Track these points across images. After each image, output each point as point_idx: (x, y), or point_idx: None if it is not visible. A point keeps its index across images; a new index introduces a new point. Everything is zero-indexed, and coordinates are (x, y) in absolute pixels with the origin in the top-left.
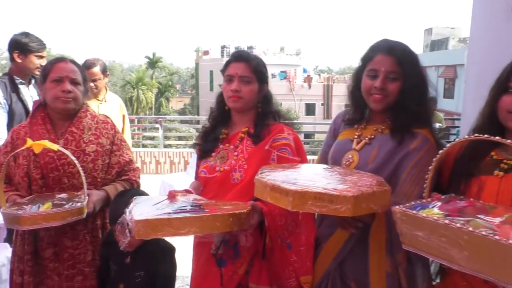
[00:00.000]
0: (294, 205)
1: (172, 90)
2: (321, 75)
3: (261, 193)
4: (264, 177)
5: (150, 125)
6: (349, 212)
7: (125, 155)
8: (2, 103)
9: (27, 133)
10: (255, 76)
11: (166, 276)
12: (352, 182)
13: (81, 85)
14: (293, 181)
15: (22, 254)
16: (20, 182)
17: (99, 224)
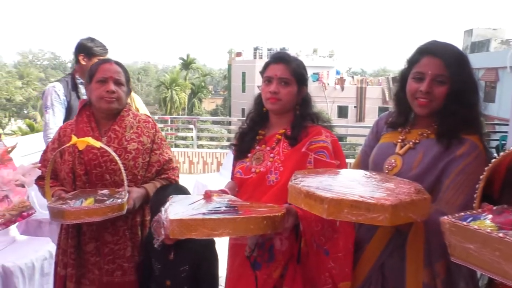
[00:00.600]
0: (329, 213)
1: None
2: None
3: (295, 199)
4: (298, 183)
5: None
6: (386, 221)
7: (165, 154)
8: (62, 100)
9: (73, 130)
10: (294, 78)
11: (210, 268)
12: (390, 190)
13: (124, 85)
14: (328, 188)
15: (66, 248)
16: (66, 178)
17: (138, 221)
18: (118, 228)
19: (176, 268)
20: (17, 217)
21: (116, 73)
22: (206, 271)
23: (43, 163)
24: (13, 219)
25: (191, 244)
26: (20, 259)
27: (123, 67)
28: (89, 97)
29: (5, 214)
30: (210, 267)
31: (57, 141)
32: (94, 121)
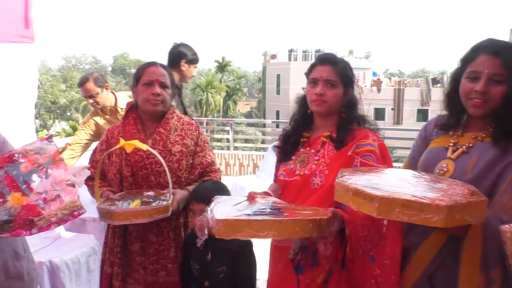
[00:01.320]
0: (380, 212)
1: (240, 93)
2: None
3: (341, 197)
4: (346, 180)
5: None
6: (441, 222)
7: (208, 157)
8: None
9: (120, 132)
10: (340, 79)
11: (246, 269)
12: (442, 191)
13: (169, 88)
14: (376, 186)
15: (113, 247)
16: (113, 179)
17: (181, 222)
18: (163, 229)
19: (214, 268)
20: (69, 216)
21: (162, 76)
22: (244, 273)
23: (92, 164)
24: (65, 218)
25: (228, 244)
26: (66, 254)
27: (168, 69)
28: (135, 99)
29: (57, 213)
30: (248, 269)
31: (105, 143)
32: (140, 123)
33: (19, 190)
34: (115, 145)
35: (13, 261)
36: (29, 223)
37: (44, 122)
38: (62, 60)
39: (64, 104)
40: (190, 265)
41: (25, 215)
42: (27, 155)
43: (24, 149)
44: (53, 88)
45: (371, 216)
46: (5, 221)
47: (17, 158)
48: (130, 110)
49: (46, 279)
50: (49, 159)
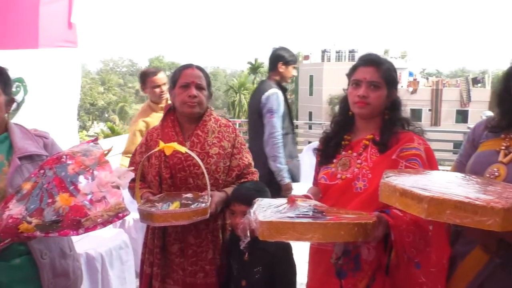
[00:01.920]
0: (429, 213)
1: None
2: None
3: (388, 198)
4: (392, 181)
5: None
6: (497, 226)
7: (245, 159)
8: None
9: (159, 135)
10: (384, 81)
11: (284, 273)
12: (496, 193)
13: (205, 90)
14: (425, 187)
15: (152, 247)
16: (152, 181)
17: (219, 224)
18: (201, 231)
19: (251, 268)
20: (114, 217)
21: (198, 77)
22: (281, 275)
23: (132, 166)
24: (110, 219)
25: (265, 245)
26: (101, 247)
27: (204, 71)
28: (173, 102)
29: (103, 214)
30: (286, 272)
31: (145, 145)
32: (178, 125)
33: (67, 191)
34: (154, 148)
35: (60, 259)
36: (77, 223)
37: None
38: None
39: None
40: (231, 264)
41: (72, 216)
42: (74, 156)
43: (71, 151)
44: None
45: (417, 221)
46: (54, 221)
47: (64, 160)
48: (168, 112)
49: (83, 269)
50: (95, 161)
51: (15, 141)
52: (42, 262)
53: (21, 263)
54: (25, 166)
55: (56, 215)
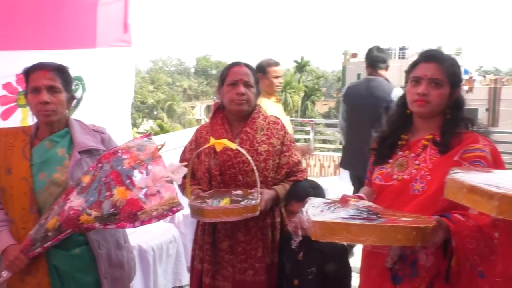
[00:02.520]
0: (501, 211)
1: (318, 93)
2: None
3: (454, 194)
4: (459, 177)
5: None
6: None
7: (294, 156)
8: None
9: (208, 132)
10: (447, 78)
11: (339, 275)
12: None
13: (253, 87)
14: (495, 184)
15: (202, 244)
16: (202, 177)
17: (268, 222)
18: (250, 228)
19: (304, 268)
20: (168, 212)
21: (246, 75)
22: (336, 278)
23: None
24: (165, 213)
25: (321, 246)
26: (152, 240)
27: (252, 69)
28: (222, 100)
29: (158, 208)
30: (341, 274)
31: (194, 142)
32: (227, 123)
33: (124, 184)
34: (203, 145)
35: (115, 250)
36: (133, 216)
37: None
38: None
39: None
40: (283, 262)
41: (129, 209)
42: (129, 151)
43: (126, 145)
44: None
45: (481, 227)
46: (111, 213)
47: (120, 154)
48: (218, 110)
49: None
50: (149, 155)
51: (75, 136)
52: (99, 253)
53: (80, 253)
54: (84, 160)
55: (114, 208)
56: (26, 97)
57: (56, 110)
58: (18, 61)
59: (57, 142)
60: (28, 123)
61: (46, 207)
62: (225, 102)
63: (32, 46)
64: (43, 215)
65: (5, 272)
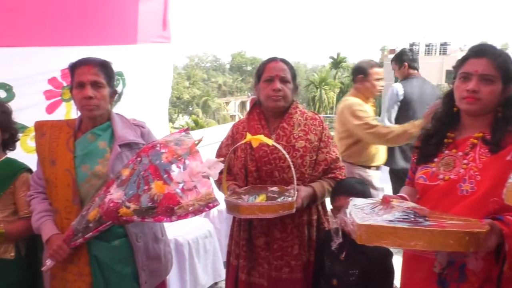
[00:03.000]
0: None
1: None
2: None
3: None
4: None
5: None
6: None
7: (332, 153)
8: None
9: (245, 128)
10: (500, 74)
11: (382, 281)
12: None
13: (290, 82)
14: None
15: (238, 240)
16: (238, 173)
17: (305, 220)
18: (286, 225)
19: (346, 269)
20: (204, 207)
21: (282, 70)
22: (378, 284)
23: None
24: (201, 208)
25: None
26: (188, 234)
27: (289, 64)
28: (258, 96)
29: (194, 203)
30: (384, 281)
31: (231, 138)
32: (264, 118)
33: (161, 179)
34: (240, 140)
35: (153, 243)
36: (170, 210)
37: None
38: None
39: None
40: (323, 260)
41: (166, 203)
42: (167, 145)
43: (164, 140)
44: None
45: None
46: (149, 207)
47: (158, 148)
48: (254, 106)
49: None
50: (187, 150)
51: (116, 130)
52: (137, 245)
53: (119, 244)
54: (124, 153)
55: (152, 202)
56: (71, 92)
57: (99, 104)
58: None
59: (99, 135)
60: (71, 117)
61: (88, 198)
62: (262, 98)
63: (77, 42)
64: (84, 207)
65: (48, 261)
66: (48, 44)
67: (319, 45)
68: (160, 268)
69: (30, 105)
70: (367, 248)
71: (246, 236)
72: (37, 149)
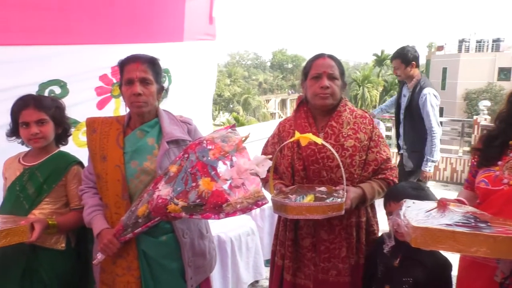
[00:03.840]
0: None
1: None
2: None
3: None
4: None
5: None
6: None
7: (383, 153)
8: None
9: (292, 126)
10: None
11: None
12: None
13: (338, 79)
14: None
15: (284, 240)
16: (285, 172)
17: (353, 221)
18: (334, 227)
19: (399, 276)
20: (253, 205)
21: (329, 67)
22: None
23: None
24: (249, 206)
25: (422, 257)
26: (231, 231)
27: (337, 60)
28: (305, 94)
29: (242, 201)
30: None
31: (277, 136)
32: (311, 116)
33: (209, 175)
34: (286, 139)
35: (198, 239)
36: (218, 208)
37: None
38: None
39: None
40: (376, 264)
41: (214, 200)
42: (214, 142)
43: (211, 136)
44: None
45: None
46: (197, 204)
47: (205, 145)
48: (301, 103)
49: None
50: (234, 147)
51: (163, 126)
52: (183, 241)
53: (166, 240)
54: (172, 150)
55: (199, 199)
56: (120, 88)
57: (147, 101)
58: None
59: (147, 132)
60: (120, 113)
61: (137, 194)
62: (309, 96)
63: (126, 40)
64: (133, 202)
65: (99, 254)
66: (99, 42)
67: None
68: (205, 264)
69: (82, 101)
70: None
71: (292, 237)
72: (88, 145)
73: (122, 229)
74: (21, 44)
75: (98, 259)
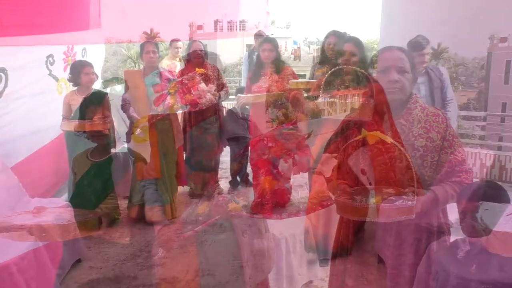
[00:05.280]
0: None
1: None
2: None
3: None
4: None
5: None
6: None
7: (457, 154)
8: None
9: (357, 123)
10: None
11: None
12: None
13: (408, 72)
14: None
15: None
16: (348, 172)
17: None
18: (400, 231)
19: (476, 284)
20: (317, 206)
21: (399, 60)
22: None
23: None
24: (313, 207)
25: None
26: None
27: (406, 52)
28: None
29: (306, 201)
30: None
31: (340, 134)
32: (378, 113)
33: (271, 174)
34: (351, 137)
35: (257, 239)
36: (280, 208)
37: None
38: None
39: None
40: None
41: (276, 200)
42: (275, 139)
43: (271, 133)
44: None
45: None
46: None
47: (266, 142)
48: (367, 100)
49: None
50: (296, 145)
51: (223, 124)
52: (242, 240)
53: (226, 238)
54: (231, 148)
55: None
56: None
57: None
58: None
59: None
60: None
61: None
62: (376, 91)
63: None
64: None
65: (161, 250)
66: None
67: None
68: (263, 263)
69: None
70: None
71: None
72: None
73: (183, 226)
74: None
75: (160, 255)
